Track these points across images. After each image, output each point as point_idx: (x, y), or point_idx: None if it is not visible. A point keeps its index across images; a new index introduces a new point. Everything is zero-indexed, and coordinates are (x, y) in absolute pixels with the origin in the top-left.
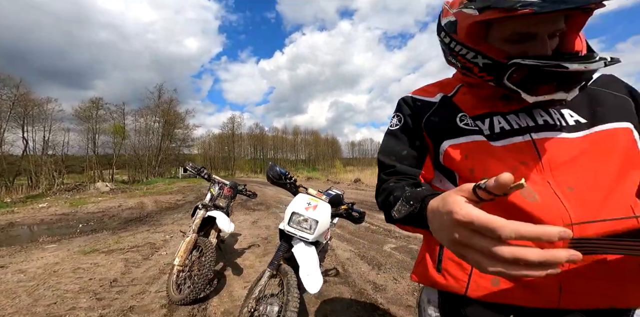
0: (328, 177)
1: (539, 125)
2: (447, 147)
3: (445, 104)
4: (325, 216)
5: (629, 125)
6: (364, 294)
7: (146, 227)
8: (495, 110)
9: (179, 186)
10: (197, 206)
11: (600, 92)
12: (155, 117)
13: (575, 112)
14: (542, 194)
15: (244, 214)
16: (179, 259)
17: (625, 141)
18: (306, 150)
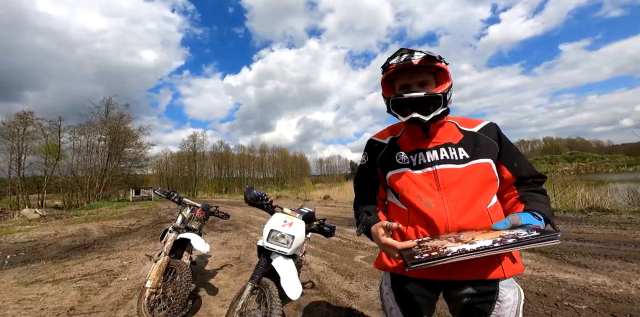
0: (298, 195)
1: (440, 160)
2: (390, 176)
3: (391, 145)
4: (300, 232)
5: (489, 161)
6: (340, 302)
7: (96, 254)
8: (421, 147)
9: (131, 209)
10: (166, 229)
11: (481, 137)
12: (100, 134)
13: (465, 150)
14: (436, 203)
15: (212, 235)
16: (151, 281)
17: (485, 171)
18: (274, 168)
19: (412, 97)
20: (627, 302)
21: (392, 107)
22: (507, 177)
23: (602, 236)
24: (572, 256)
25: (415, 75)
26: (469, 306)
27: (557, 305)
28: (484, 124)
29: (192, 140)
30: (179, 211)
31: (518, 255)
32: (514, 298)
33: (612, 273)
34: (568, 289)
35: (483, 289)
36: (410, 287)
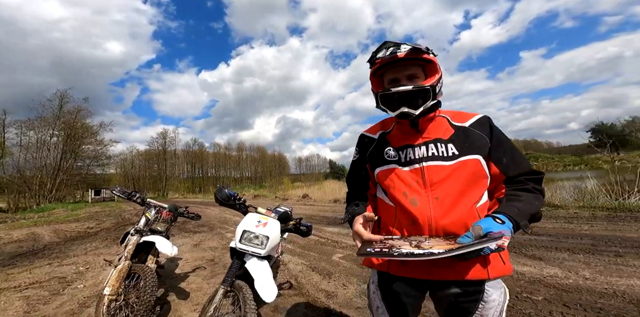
0: (276, 194)
1: (428, 156)
2: (378, 172)
3: (381, 140)
4: (275, 232)
5: (478, 157)
6: (318, 302)
7: (46, 260)
8: (410, 143)
9: (89, 211)
10: (128, 231)
11: (472, 132)
12: (53, 130)
13: (454, 145)
14: (421, 201)
15: (183, 237)
16: (109, 288)
17: (474, 168)
18: (252, 167)
19: (399, 91)
20: (577, 292)
21: (381, 102)
22: (495, 174)
23: (553, 229)
24: (528, 249)
25: (402, 69)
26: (453, 305)
27: (517, 297)
28: (476, 118)
29: (162, 137)
30: (142, 212)
31: (507, 256)
32: (499, 299)
33: (562, 265)
34: (526, 281)
35: (469, 289)
36: (396, 286)
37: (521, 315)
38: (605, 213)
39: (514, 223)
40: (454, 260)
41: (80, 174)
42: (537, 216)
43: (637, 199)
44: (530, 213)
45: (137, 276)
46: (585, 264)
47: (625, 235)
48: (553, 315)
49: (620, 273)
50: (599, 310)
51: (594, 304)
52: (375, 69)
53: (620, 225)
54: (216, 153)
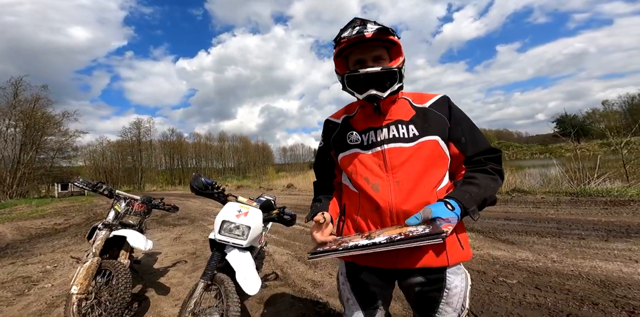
0: (260, 184)
1: (389, 139)
2: (341, 158)
3: (344, 125)
4: (257, 222)
5: (437, 138)
6: (304, 292)
7: (9, 260)
8: (373, 126)
9: (57, 206)
10: (95, 226)
11: (431, 112)
12: (9, 120)
13: (415, 127)
14: (382, 186)
15: (162, 231)
16: (77, 286)
17: (433, 149)
18: (235, 157)
19: (368, 73)
20: (547, 274)
21: (348, 84)
22: (454, 155)
23: (522, 214)
24: (501, 233)
25: (368, 50)
26: (420, 295)
27: (494, 281)
28: (436, 99)
29: (136, 127)
30: (106, 205)
31: (466, 241)
32: (461, 284)
33: (532, 248)
34: (501, 266)
35: (431, 277)
36: (364, 276)
37: (498, 298)
38: (568, 198)
39: (463, 209)
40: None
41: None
42: (490, 200)
43: (597, 184)
44: (483, 197)
45: (108, 272)
46: (552, 247)
47: (586, 218)
48: (527, 298)
49: (584, 255)
50: (567, 291)
51: (563, 286)
52: (341, 49)
53: (582, 209)
54: (196, 143)
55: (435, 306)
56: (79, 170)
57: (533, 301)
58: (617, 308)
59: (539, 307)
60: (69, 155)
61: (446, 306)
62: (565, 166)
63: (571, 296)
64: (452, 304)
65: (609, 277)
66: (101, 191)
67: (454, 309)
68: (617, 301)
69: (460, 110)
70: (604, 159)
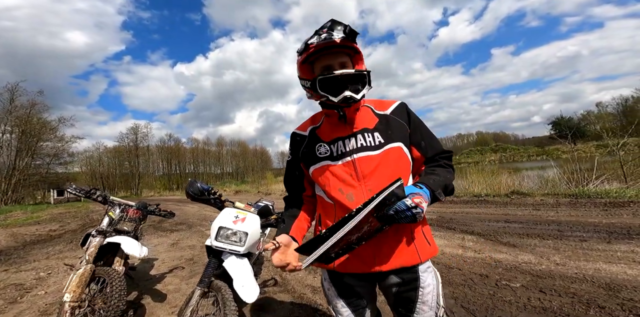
0: (259, 189)
1: (358, 148)
2: (312, 171)
3: (311, 136)
4: (254, 227)
5: (400, 144)
6: (304, 298)
7: (2, 267)
8: (340, 135)
9: (52, 213)
10: (89, 233)
11: (393, 119)
12: (4, 126)
13: (380, 134)
14: (356, 195)
15: (159, 237)
16: (70, 294)
17: (398, 155)
18: (233, 162)
19: (343, 74)
20: (550, 277)
21: (321, 87)
22: (417, 157)
23: (523, 216)
24: (502, 236)
25: (335, 56)
26: (398, 295)
27: (497, 285)
28: (395, 106)
29: (134, 132)
30: (102, 211)
31: (431, 237)
32: (433, 282)
33: (534, 251)
34: (504, 269)
35: (406, 277)
36: (347, 279)
37: (502, 302)
38: (567, 200)
39: (430, 191)
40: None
41: (39, 173)
42: (450, 187)
43: (595, 186)
44: (444, 183)
45: (102, 280)
46: (554, 249)
47: (587, 220)
48: (531, 301)
49: (587, 257)
50: (573, 295)
51: (568, 290)
52: (308, 55)
53: (582, 211)
54: (194, 148)
55: (412, 305)
56: (76, 176)
57: (538, 304)
58: (624, 311)
59: (544, 311)
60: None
61: (422, 304)
62: (562, 168)
63: (577, 300)
64: (428, 302)
65: (614, 280)
66: (95, 198)
67: (430, 308)
68: (624, 304)
69: (416, 116)
70: (601, 160)
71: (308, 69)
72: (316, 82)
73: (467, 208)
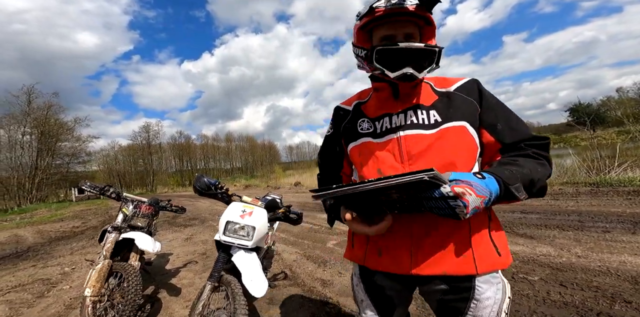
0: (268, 183)
1: (406, 125)
2: (351, 149)
3: (355, 111)
4: (261, 221)
5: (464, 124)
6: (314, 292)
7: (30, 262)
8: (389, 112)
9: (74, 210)
10: (105, 229)
11: (457, 96)
12: (24, 127)
13: (437, 112)
14: None
15: (173, 232)
16: (90, 289)
17: (459, 136)
18: (242, 157)
19: (411, 48)
20: (571, 270)
21: (378, 59)
22: (488, 143)
23: (540, 207)
24: (519, 227)
25: (401, 26)
26: (442, 304)
27: (513, 278)
28: (463, 82)
29: (146, 131)
30: (118, 208)
31: (504, 245)
32: (495, 296)
33: (553, 242)
34: (521, 261)
35: (456, 285)
36: (378, 279)
37: (519, 296)
38: (588, 188)
39: (502, 184)
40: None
41: (60, 172)
42: (539, 185)
43: (617, 174)
44: (530, 178)
45: (120, 275)
46: (575, 241)
47: (609, 210)
48: (551, 295)
49: (610, 249)
50: (596, 289)
51: (590, 283)
52: (370, 20)
53: (604, 200)
54: (204, 145)
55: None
56: (94, 174)
57: (558, 298)
58: None
59: (565, 305)
60: (84, 160)
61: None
62: (581, 155)
63: (600, 294)
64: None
65: None
66: (109, 194)
67: None
68: None
69: (493, 95)
70: (622, 147)
71: (365, 36)
72: (373, 52)
73: None
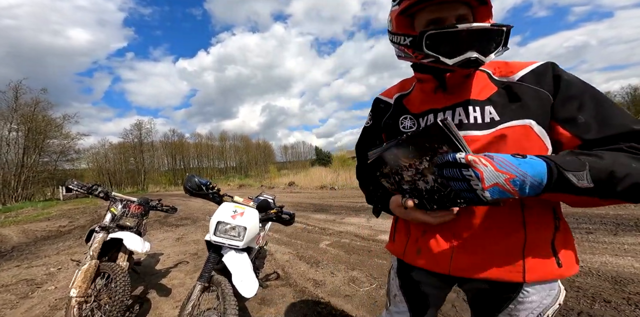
0: (262, 183)
1: (456, 125)
2: None
3: (397, 106)
4: (253, 222)
5: (529, 122)
6: (306, 292)
7: (14, 262)
8: (434, 107)
9: (61, 209)
10: (92, 228)
11: (523, 87)
12: (10, 124)
13: (495, 109)
14: None
15: (164, 232)
16: (76, 289)
17: (521, 138)
18: (236, 156)
19: (472, 29)
20: None
21: (430, 45)
22: (566, 140)
23: None
24: None
25: (450, 7)
26: (479, 298)
27: None
28: (533, 67)
29: (137, 129)
30: (106, 207)
31: (570, 254)
32: (542, 301)
33: None
34: None
35: (500, 287)
36: (415, 275)
37: None
38: None
39: (555, 169)
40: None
41: (47, 170)
42: (628, 181)
43: None
44: (608, 169)
45: (107, 275)
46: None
47: (593, 211)
48: None
49: (593, 250)
50: (577, 289)
51: (572, 283)
52: (411, 4)
53: None
54: (197, 143)
55: (494, 314)
56: (83, 172)
57: None
58: (630, 306)
59: None
60: (72, 158)
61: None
62: None
63: (582, 294)
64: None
65: (621, 274)
66: (96, 194)
67: None
68: (630, 299)
69: (576, 79)
70: None
71: (406, 21)
72: (423, 37)
73: None
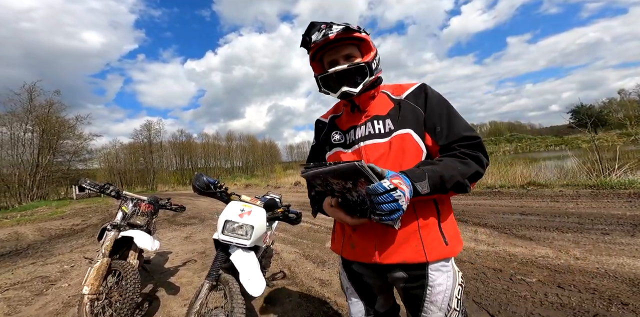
0: (268, 183)
1: (366, 136)
2: (327, 157)
3: (331, 124)
4: (260, 221)
5: (409, 131)
6: (312, 291)
7: (30, 260)
8: (355, 124)
9: (75, 208)
10: (104, 227)
11: (406, 104)
12: (25, 125)
13: (391, 121)
14: None
15: (173, 231)
16: (88, 287)
17: (406, 143)
18: (243, 156)
19: (337, 71)
20: (569, 272)
21: (323, 85)
22: (430, 146)
23: (540, 209)
24: (518, 229)
25: (339, 50)
26: (405, 291)
27: (511, 279)
28: (412, 89)
29: (147, 129)
30: (118, 206)
31: (453, 235)
32: (447, 283)
33: (552, 244)
34: (519, 263)
35: (413, 273)
36: (356, 267)
37: (517, 298)
38: (588, 191)
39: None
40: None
41: (61, 170)
42: (453, 181)
43: (618, 176)
44: (440, 175)
45: (118, 273)
46: (574, 243)
47: (610, 212)
48: (548, 297)
49: (609, 252)
50: (593, 291)
51: (588, 285)
52: (313, 53)
53: (604, 202)
54: (205, 143)
55: (420, 303)
56: (95, 172)
57: (556, 300)
58: None
59: (562, 307)
60: (85, 158)
61: (430, 304)
62: (582, 158)
63: (598, 296)
64: (437, 302)
65: (638, 276)
66: (108, 192)
67: (439, 308)
68: None
69: (438, 97)
70: (623, 149)
71: (318, 66)
72: (318, 80)
73: (480, 200)
